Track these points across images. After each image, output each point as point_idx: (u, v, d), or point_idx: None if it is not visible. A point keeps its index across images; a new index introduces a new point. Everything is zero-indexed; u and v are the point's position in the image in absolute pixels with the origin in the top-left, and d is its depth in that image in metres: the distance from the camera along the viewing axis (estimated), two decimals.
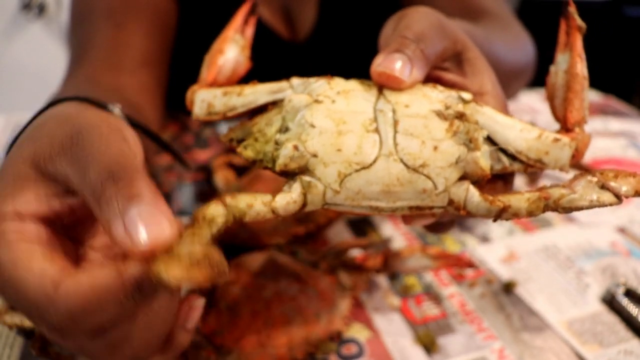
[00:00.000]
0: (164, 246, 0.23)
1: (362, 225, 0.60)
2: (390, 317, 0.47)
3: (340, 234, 0.58)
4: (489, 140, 0.30)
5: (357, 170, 0.27)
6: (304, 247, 0.48)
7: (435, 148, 0.27)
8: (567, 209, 0.29)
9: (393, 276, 0.51)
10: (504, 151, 0.30)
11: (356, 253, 0.50)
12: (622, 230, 0.59)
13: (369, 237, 0.57)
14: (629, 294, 0.48)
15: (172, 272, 0.21)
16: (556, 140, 0.30)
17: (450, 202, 0.28)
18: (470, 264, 0.45)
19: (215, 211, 0.26)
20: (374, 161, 0.27)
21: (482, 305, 0.48)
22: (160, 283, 0.21)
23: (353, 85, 0.30)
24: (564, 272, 0.53)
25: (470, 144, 0.28)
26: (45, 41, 1.88)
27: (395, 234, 0.58)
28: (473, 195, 0.28)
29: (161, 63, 0.68)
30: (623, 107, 0.95)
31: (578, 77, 0.32)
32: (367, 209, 0.28)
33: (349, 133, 0.27)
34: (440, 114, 0.28)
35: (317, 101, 0.28)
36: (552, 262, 0.54)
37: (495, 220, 0.29)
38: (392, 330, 0.45)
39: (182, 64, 0.70)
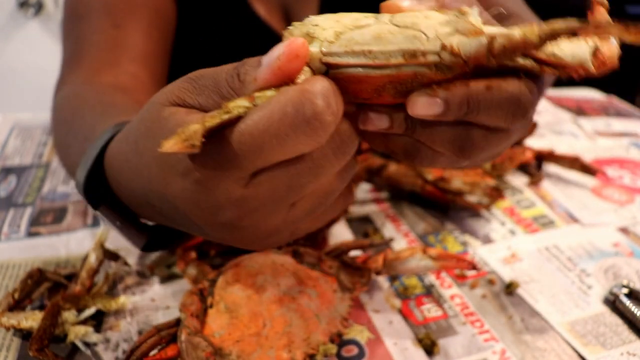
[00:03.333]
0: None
1: (362, 225, 0.59)
2: (391, 319, 0.46)
3: (340, 234, 0.57)
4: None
5: (351, 29, 0.29)
6: (304, 248, 0.47)
7: (426, 17, 0.28)
8: (563, 29, 0.26)
9: (394, 277, 0.51)
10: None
11: (357, 254, 0.50)
12: (624, 231, 0.59)
13: (370, 237, 0.57)
14: (632, 295, 0.48)
15: (168, 142, 0.25)
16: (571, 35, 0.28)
17: (443, 46, 0.27)
18: (473, 265, 0.45)
19: (240, 104, 0.26)
20: (368, 25, 0.28)
21: (484, 306, 0.48)
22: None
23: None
24: (566, 273, 0.52)
25: (461, 15, 0.28)
26: (42, 39, 1.88)
27: (396, 235, 0.58)
28: (463, 38, 0.28)
29: (160, 63, 0.67)
30: (626, 107, 0.95)
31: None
32: (360, 57, 0.28)
33: (348, 18, 0.29)
34: (434, 10, 0.29)
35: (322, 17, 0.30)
36: (554, 263, 0.54)
37: (491, 55, 0.27)
38: (393, 331, 0.45)
39: (181, 64, 0.69)
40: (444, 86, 0.28)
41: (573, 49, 0.28)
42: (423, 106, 0.29)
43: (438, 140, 0.32)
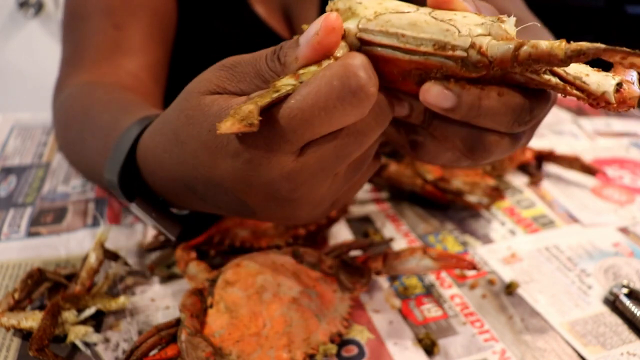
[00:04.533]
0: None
1: (362, 225, 0.59)
2: (391, 319, 0.46)
3: (340, 234, 0.57)
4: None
5: (391, 12, 0.30)
6: (304, 248, 0.47)
7: (465, 17, 0.30)
8: (590, 49, 0.27)
9: (394, 277, 0.51)
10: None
11: (357, 254, 0.50)
12: (624, 231, 0.59)
13: (370, 237, 0.57)
14: (632, 295, 0.48)
15: (225, 124, 0.26)
16: (599, 70, 0.30)
17: (472, 44, 0.29)
18: (473, 265, 0.45)
19: (287, 82, 0.28)
20: (408, 12, 0.30)
21: (484, 306, 0.48)
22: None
23: None
24: (566, 273, 0.52)
25: (497, 21, 0.29)
26: (42, 39, 1.88)
27: (396, 235, 0.58)
28: (494, 41, 0.29)
29: (161, 63, 0.67)
30: None
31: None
32: (393, 38, 0.30)
33: (391, 2, 0.31)
34: (475, 14, 0.30)
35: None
36: (554, 263, 0.54)
37: (515, 61, 0.28)
38: (393, 331, 0.45)
39: (182, 64, 0.69)
40: (460, 83, 0.29)
41: (599, 79, 0.29)
42: (435, 96, 0.30)
43: (451, 137, 0.33)
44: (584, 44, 0.27)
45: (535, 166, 0.71)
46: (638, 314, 0.46)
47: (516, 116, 0.30)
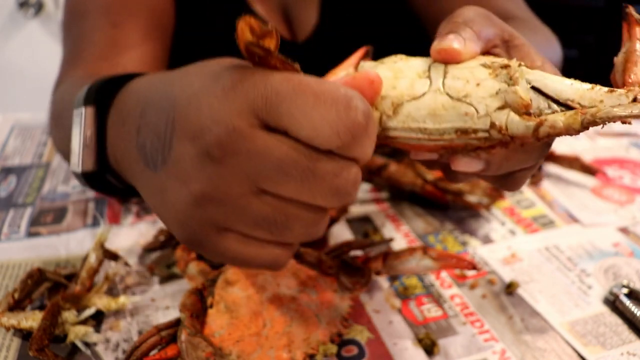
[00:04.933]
0: None
1: (362, 225, 0.59)
2: (390, 319, 0.46)
3: (340, 234, 0.57)
4: (538, 91, 0.31)
5: (408, 101, 0.31)
6: (304, 248, 0.47)
7: (478, 84, 0.31)
8: (604, 119, 0.29)
9: (394, 277, 0.51)
10: (554, 101, 0.31)
11: (357, 254, 0.50)
12: (624, 231, 0.59)
13: (370, 237, 0.57)
14: (632, 295, 0.48)
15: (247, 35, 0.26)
16: (611, 90, 0.31)
17: (492, 125, 0.30)
18: (473, 265, 0.45)
19: None
20: (423, 95, 0.31)
21: (484, 306, 0.48)
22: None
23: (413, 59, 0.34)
24: (566, 273, 0.52)
25: (510, 81, 0.31)
26: (42, 40, 1.88)
27: (396, 235, 0.58)
28: (513, 117, 0.30)
29: (159, 62, 0.67)
30: None
31: (636, 52, 0.33)
32: (417, 132, 0.31)
33: (404, 78, 0.32)
34: (485, 65, 0.32)
35: (381, 62, 0.34)
36: (554, 263, 0.54)
37: (534, 138, 0.30)
38: (393, 331, 0.45)
39: (180, 64, 0.69)
40: (486, 150, 0.32)
41: (612, 103, 0.31)
42: (465, 164, 0.32)
43: (484, 179, 0.36)
44: (600, 113, 0.29)
45: None
46: (638, 314, 0.46)
47: (540, 153, 0.33)
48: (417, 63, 0.33)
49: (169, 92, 0.31)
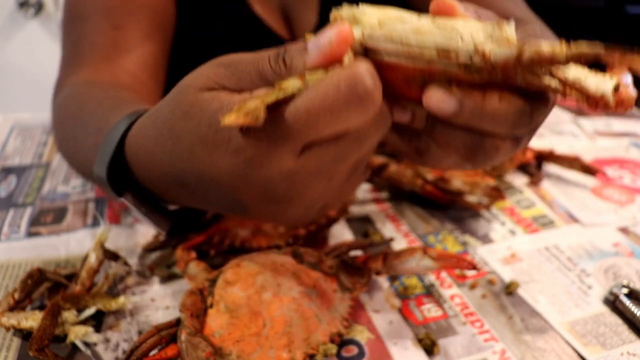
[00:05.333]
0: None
1: (362, 225, 0.59)
2: (390, 319, 0.46)
3: (340, 234, 0.57)
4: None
5: (394, 22, 0.31)
6: (304, 248, 0.47)
7: (465, 23, 0.30)
8: (589, 54, 0.28)
9: (394, 277, 0.51)
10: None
11: (357, 254, 0.50)
12: (624, 231, 0.59)
13: (370, 237, 0.57)
14: (632, 295, 0.48)
15: (230, 117, 0.27)
16: (597, 71, 0.31)
17: (476, 49, 0.29)
18: (473, 265, 0.45)
19: (293, 84, 0.29)
20: (410, 21, 0.31)
21: (484, 306, 0.48)
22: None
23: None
24: (566, 273, 0.52)
25: (497, 26, 0.30)
26: (42, 39, 1.88)
27: (396, 235, 0.58)
28: (495, 46, 0.29)
29: (160, 63, 0.67)
30: None
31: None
32: (398, 44, 0.30)
33: (394, 11, 0.32)
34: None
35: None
36: (554, 263, 0.54)
37: (518, 64, 0.29)
38: (393, 331, 0.45)
39: (181, 64, 0.69)
40: (462, 88, 0.30)
41: (597, 82, 0.30)
42: (438, 100, 0.30)
43: (452, 143, 0.33)
44: (584, 47, 0.28)
45: (535, 166, 0.71)
46: (638, 314, 0.46)
47: (517, 119, 0.31)
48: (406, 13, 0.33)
49: (195, 171, 0.34)
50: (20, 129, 0.81)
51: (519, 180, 0.69)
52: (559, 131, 0.84)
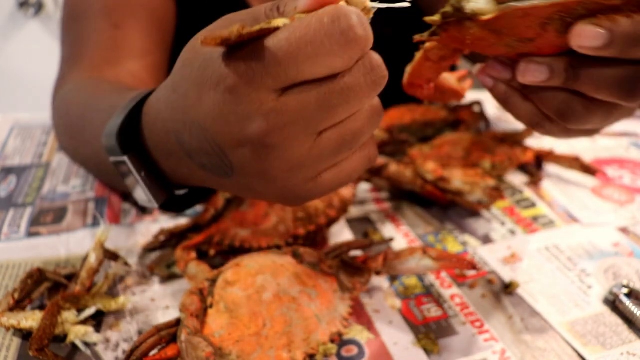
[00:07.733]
0: None
1: (362, 225, 0.59)
2: (391, 319, 0.46)
3: (340, 234, 0.57)
4: None
5: None
6: (304, 248, 0.47)
7: None
8: None
9: (394, 277, 0.51)
10: None
11: (357, 254, 0.50)
12: (624, 231, 0.59)
13: (370, 237, 0.57)
14: (632, 295, 0.48)
15: (207, 38, 0.28)
16: None
17: None
18: (473, 265, 0.45)
19: (281, 20, 0.29)
20: None
21: (484, 306, 0.48)
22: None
23: None
24: (566, 273, 0.52)
25: None
26: (42, 39, 1.88)
27: (396, 235, 0.58)
28: None
29: (160, 62, 0.67)
30: None
31: None
32: None
33: None
34: None
35: None
36: (554, 263, 0.54)
37: None
38: (393, 331, 0.45)
39: None
40: (610, 17, 0.28)
41: None
42: (588, 36, 0.28)
43: (604, 85, 0.31)
44: None
45: (535, 166, 0.71)
46: (638, 314, 0.46)
47: None
48: None
49: (188, 120, 0.33)
50: (20, 129, 0.81)
51: (519, 180, 0.69)
52: None
